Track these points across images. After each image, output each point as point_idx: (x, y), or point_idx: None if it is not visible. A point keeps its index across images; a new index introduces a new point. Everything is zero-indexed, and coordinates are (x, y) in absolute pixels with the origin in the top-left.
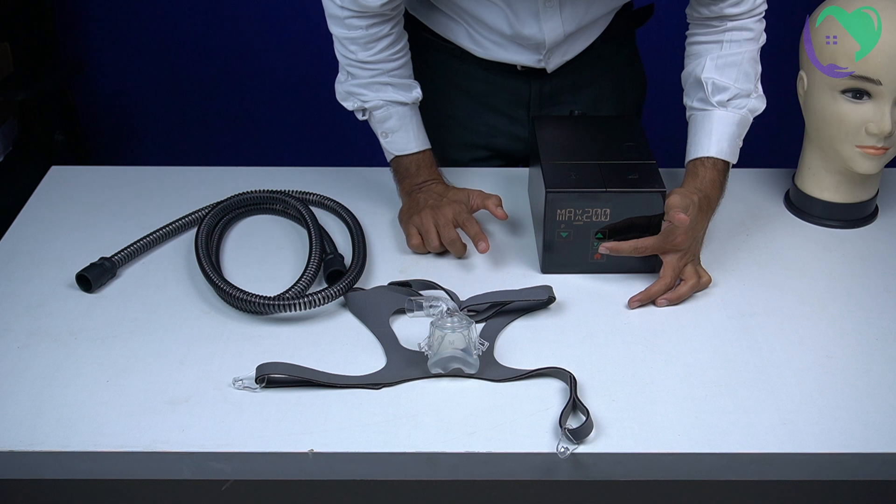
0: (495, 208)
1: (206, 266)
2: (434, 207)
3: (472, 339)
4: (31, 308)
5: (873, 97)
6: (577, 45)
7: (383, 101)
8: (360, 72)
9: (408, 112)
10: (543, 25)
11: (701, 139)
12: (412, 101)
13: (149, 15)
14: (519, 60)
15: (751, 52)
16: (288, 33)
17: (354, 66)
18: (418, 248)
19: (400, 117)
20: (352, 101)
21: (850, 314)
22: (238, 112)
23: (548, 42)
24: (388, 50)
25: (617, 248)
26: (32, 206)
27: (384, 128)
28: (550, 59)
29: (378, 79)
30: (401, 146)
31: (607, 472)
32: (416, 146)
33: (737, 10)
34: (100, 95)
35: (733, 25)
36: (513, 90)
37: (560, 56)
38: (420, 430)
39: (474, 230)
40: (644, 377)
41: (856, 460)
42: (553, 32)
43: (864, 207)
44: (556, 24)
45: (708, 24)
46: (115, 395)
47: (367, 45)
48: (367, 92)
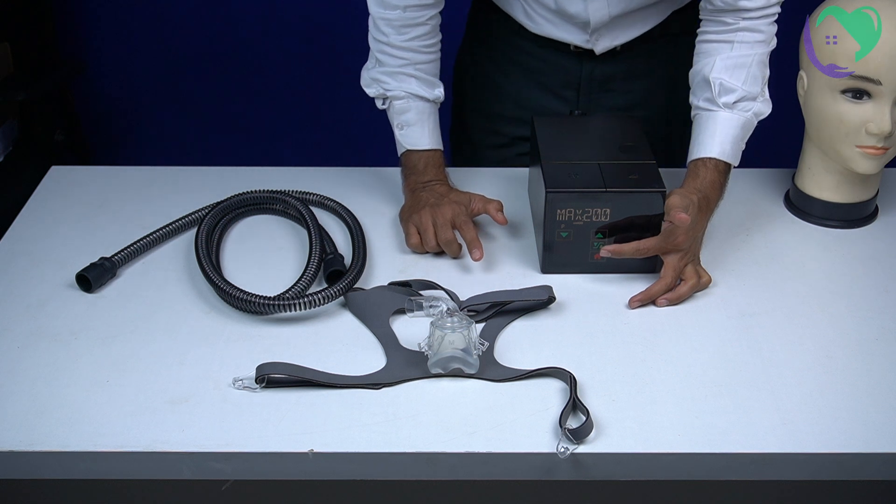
0: (496, 213)
1: (206, 266)
2: (434, 206)
3: (472, 339)
4: (31, 308)
5: (873, 97)
6: (627, 32)
7: (405, 93)
8: (389, 59)
9: (427, 108)
10: (589, 5)
11: (704, 140)
12: (434, 98)
13: (149, 15)
14: (568, 38)
15: (760, 55)
16: (288, 33)
17: (385, 51)
18: (416, 247)
19: (418, 112)
20: (375, 88)
21: (850, 314)
22: (238, 112)
23: (592, 21)
24: (421, 41)
25: (619, 250)
26: (32, 206)
27: (401, 119)
28: (598, 41)
29: (404, 69)
30: (413, 140)
31: (607, 472)
32: (428, 143)
33: (751, 4)
34: (100, 95)
35: (745, 26)
36: (565, 69)
37: (609, 39)
38: (420, 430)
39: (470, 236)
40: (644, 377)
41: (856, 460)
42: (598, 13)
43: (864, 207)
44: (602, 4)
45: (721, 20)
46: (115, 395)
47: (401, 28)
48: (392, 81)
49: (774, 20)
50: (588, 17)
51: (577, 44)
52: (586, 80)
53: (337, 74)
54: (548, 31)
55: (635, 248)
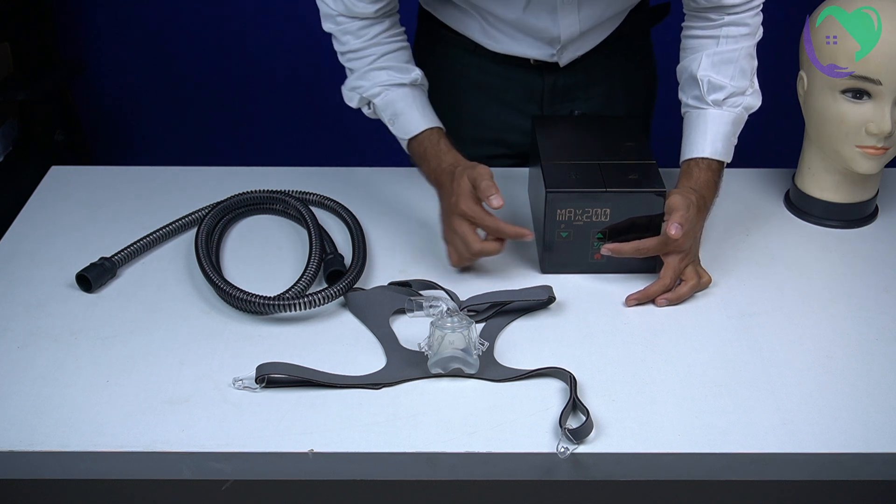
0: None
1: (206, 266)
2: (447, 223)
3: (472, 339)
4: (31, 308)
5: (873, 97)
6: (590, 41)
7: (380, 87)
8: (357, 63)
9: (409, 93)
10: (560, 21)
11: (696, 139)
12: (410, 81)
13: (149, 15)
14: (532, 54)
15: (747, 48)
16: (288, 33)
17: (351, 59)
18: (458, 265)
19: (401, 99)
20: (355, 97)
21: (850, 314)
22: (238, 112)
23: (563, 38)
24: (382, 34)
25: (619, 249)
26: (32, 206)
27: (388, 114)
28: (563, 54)
29: (374, 64)
30: (406, 128)
31: (607, 472)
32: (420, 124)
33: (734, 1)
34: (100, 95)
35: (730, 20)
36: (525, 84)
37: (573, 51)
38: (420, 430)
39: (492, 227)
40: (644, 377)
41: (856, 460)
42: (569, 29)
43: (864, 207)
44: (573, 20)
45: (705, 16)
46: (115, 395)
47: (357, 31)
48: (365, 82)
49: (759, 11)
50: (558, 34)
51: (541, 58)
52: (549, 91)
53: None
54: (507, 47)
55: (635, 247)
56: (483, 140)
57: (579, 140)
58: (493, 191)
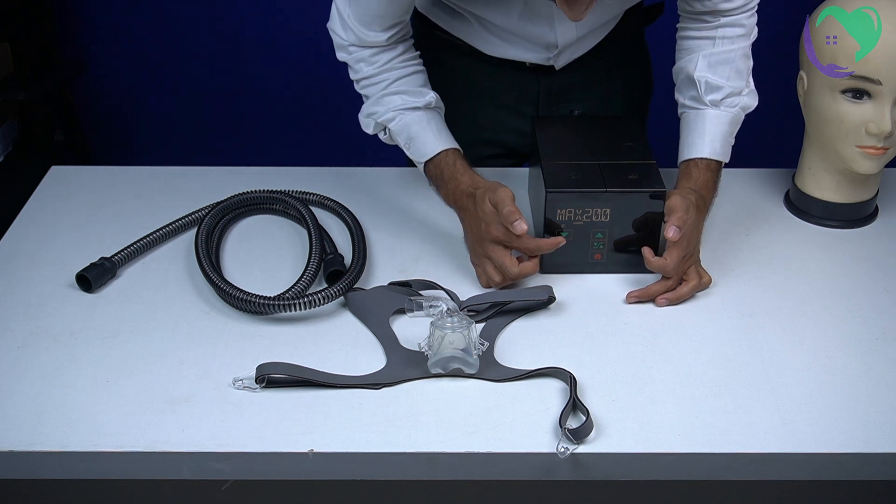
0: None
1: (206, 266)
2: (479, 249)
3: (472, 339)
4: (31, 308)
5: (873, 97)
6: (586, 44)
7: (394, 111)
8: (371, 89)
9: (423, 116)
10: (557, 27)
11: (694, 140)
12: (424, 104)
13: (149, 15)
14: (528, 58)
15: (743, 48)
16: (288, 33)
17: (366, 86)
18: (497, 286)
19: (416, 122)
20: (371, 124)
21: (850, 314)
22: (238, 112)
23: (560, 43)
24: (394, 59)
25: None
26: (32, 206)
27: (403, 138)
28: (560, 58)
29: (388, 89)
30: (422, 151)
31: (607, 472)
32: (436, 147)
33: (730, 6)
34: (100, 95)
35: (726, 21)
36: (522, 86)
37: (570, 54)
38: (420, 430)
39: (529, 247)
40: (644, 377)
41: (856, 460)
42: (566, 35)
43: (864, 207)
44: (571, 26)
45: (700, 18)
46: (115, 395)
47: (370, 58)
48: (380, 107)
49: (754, 12)
50: (555, 39)
51: (537, 62)
52: (545, 93)
53: (337, 74)
54: (504, 51)
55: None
56: (479, 141)
57: (579, 140)
58: (515, 216)
